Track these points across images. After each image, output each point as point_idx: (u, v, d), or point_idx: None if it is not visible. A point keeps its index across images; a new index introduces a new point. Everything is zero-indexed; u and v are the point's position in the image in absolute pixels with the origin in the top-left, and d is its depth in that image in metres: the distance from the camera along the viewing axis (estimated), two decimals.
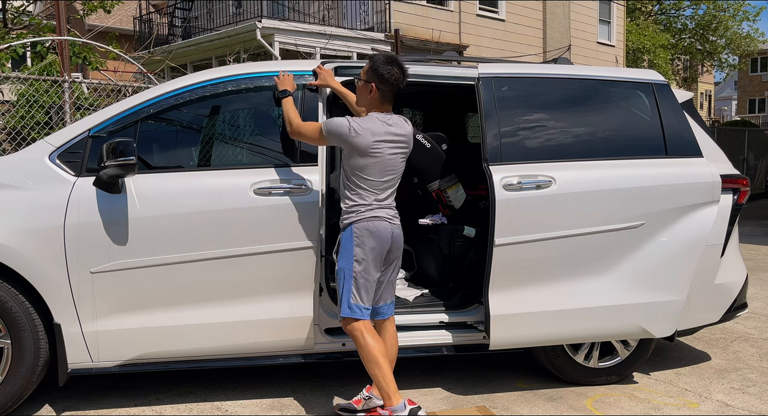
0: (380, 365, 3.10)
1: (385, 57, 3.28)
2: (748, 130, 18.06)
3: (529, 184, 3.51)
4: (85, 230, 3.20)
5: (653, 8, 30.21)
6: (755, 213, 13.71)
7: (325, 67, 3.63)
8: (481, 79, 3.65)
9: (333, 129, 3.17)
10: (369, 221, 3.17)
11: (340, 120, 3.18)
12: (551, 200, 3.53)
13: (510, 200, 3.47)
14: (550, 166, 3.60)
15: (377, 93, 3.24)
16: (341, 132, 3.15)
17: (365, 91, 3.27)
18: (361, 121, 3.18)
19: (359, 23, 14.71)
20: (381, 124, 3.20)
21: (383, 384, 3.10)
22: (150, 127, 3.48)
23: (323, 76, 3.59)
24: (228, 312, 3.36)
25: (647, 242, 3.64)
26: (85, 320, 3.24)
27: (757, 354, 4.54)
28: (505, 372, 4.06)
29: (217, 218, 3.30)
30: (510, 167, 3.54)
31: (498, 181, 3.47)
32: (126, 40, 12.53)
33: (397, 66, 3.24)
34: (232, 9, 15.22)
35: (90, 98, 6.51)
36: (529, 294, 3.55)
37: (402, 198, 5.28)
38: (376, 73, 3.22)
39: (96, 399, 3.63)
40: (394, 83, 3.24)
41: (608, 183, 3.62)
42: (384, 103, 3.28)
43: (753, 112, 40.80)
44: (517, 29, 17.67)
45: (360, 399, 3.38)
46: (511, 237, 3.47)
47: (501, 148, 3.57)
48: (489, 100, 3.63)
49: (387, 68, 3.21)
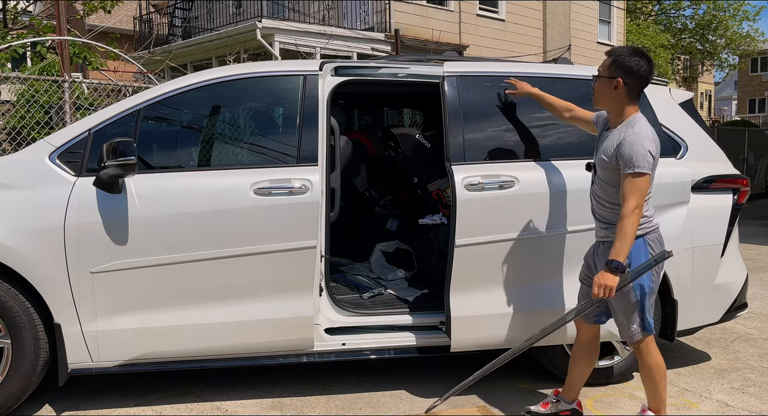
0: (665, 378, 3.11)
1: (629, 48, 3.04)
2: (748, 130, 18.06)
3: (491, 184, 3.48)
4: (85, 230, 3.20)
5: (653, 8, 30.19)
6: (755, 213, 13.71)
7: (325, 66, 3.63)
8: (446, 78, 3.62)
9: (652, 164, 2.91)
10: (657, 231, 3.05)
11: (642, 152, 2.86)
12: (514, 200, 3.49)
13: (471, 200, 3.44)
14: (514, 166, 3.57)
15: (624, 88, 2.99)
16: (655, 161, 2.93)
17: (608, 87, 3.01)
18: (647, 133, 2.92)
19: (359, 23, 14.70)
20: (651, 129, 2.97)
21: (664, 395, 3.12)
22: (150, 127, 3.48)
23: (520, 85, 3.59)
24: (228, 312, 3.36)
25: None
26: (85, 320, 3.24)
27: (757, 354, 4.54)
28: (505, 372, 4.05)
29: (217, 218, 3.30)
30: (473, 167, 3.51)
31: (460, 181, 3.44)
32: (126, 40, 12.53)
33: (644, 58, 2.99)
34: (232, 9, 15.20)
35: (90, 98, 6.51)
36: (491, 296, 3.51)
37: (402, 198, 5.31)
38: (621, 66, 2.98)
39: (96, 399, 3.63)
40: (643, 77, 2.99)
41: (573, 183, 3.56)
42: (632, 101, 3.03)
43: (753, 112, 40.76)
44: (517, 29, 17.66)
45: (548, 403, 3.38)
46: (473, 237, 3.44)
47: (464, 147, 3.53)
48: (453, 99, 3.59)
49: (634, 60, 2.97)
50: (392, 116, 6.19)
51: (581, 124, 3.48)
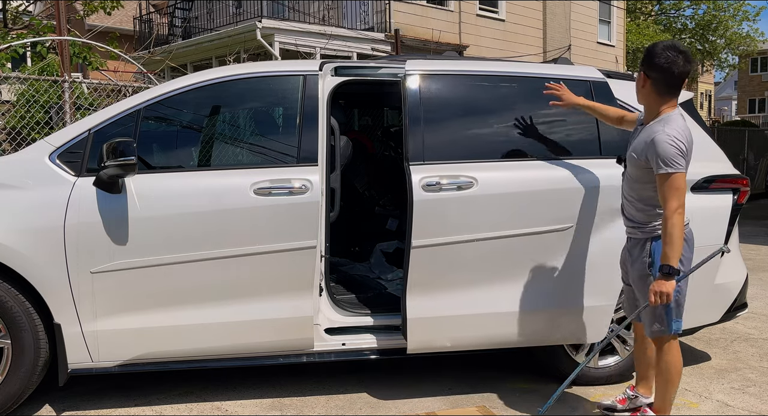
0: (678, 380, 3.12)
1: (664, 43, 2.98)
2: (748, 130, 18.06)
3: (449, 185, 3.42)
4: (85, 230, 3.20)
5: (653, 8, 30.19)
6: (755, 213, 13.71)
7: (325, 66, 3.63)
8: (407, 76, 3.56)
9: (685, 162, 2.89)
10: (687, 227, 3.02)
11: (673, 150, 2.84)
12: (472, 201, 3.43)
13: (428, 201, 3.39)
14: (474, 167, 3.50)
15: (649, 83, 2.97)
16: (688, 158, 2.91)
17: (638, 82, 3.02)
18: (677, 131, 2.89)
19: (359, 23, 14.69)
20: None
21: (672, 397, 3.13)
22: (150, 127, 3.48)
23: (567, 96, 3.54)
24: (228, 312, 3.36)
25: (575, 245, 3.54)
26: (85, 320, 3.24)
27: (757, 354, 4.54)
28: (505, 372, 4.05)
29: (217, 218, 3.30)
30: (432, 167, 3.45)
31: (417, 182, 3.39)
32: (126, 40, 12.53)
33: (675, 50, 2.90)
34: (232, 9, 15.20)
35: (90, 98, 6.51)
36: (448, 298, 3.46)
37: (402, 198, 5.31)
38: (645, 60, 2.96)
39: (96, 399, 3.63)
40: (668, 70, 2.91)
41: (534, 184, 3.52)
42: (664, 97, 2.96)
43: (753, 112, 40.76)
44: (517, 29, 17.66)
45: (624, 398, 3.40)
46: (429, 239, 3.39)
47: (424, 147, 3.47)
48: (414, 97, 3.53)
49: (661, 53, 2.91)
50: (392, 116, 6.19)
51: (632, 127, 3.39)
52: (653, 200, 3.03)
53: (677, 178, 2.85)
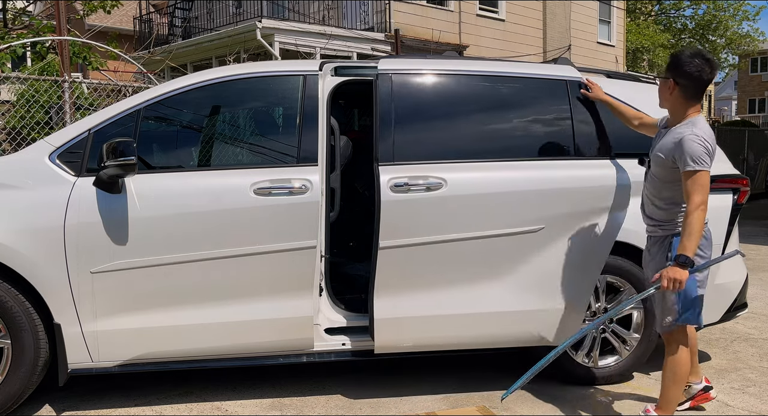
0: (685, 378, 3.17)
1: (689, 50, 3.10)
2: (748, 130, 18.06)
3: (418, 186, 3.40)
4: (85, 230, 3.20)
5: (653, 8, 30.20)
6: (755, 213, 13.71)
7: (325, 66, 3.63)
8: (379, 76, 3.53)
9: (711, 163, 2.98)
10: (706, 226, 3.09)
11: (701, 149, 2.95)
12: (440, 202, 3.41)
13: (396, 202, 3.37)
14: (444, 167, 3.47)
15: (677, 89, 3.06)
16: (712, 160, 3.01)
17: (665, 88, 3.11)
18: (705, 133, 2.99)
19: (359, 23, 14.70)
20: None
21: (677, 396, 3.17)
22: (150, 127, 3.48)
23: (595, 89, 3.64)
24: (228, 312, 3.36)
25: (547, 247, 3.52)
26: (85, 320, 3.24)
27: (757, 354, 4.54)
28: (505, 372, 4.05)
29: (217, 218, 3.30)
30: (401, 168, 3.43)
31: (385, 182, 3.37)
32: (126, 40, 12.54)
33: (702, 59, 3.02)
34: (232, 9, 15.21)
35: (90, 98, 6.52)
36: (415, 298, 3.45)
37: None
38: (674, 67, 3.05)
39: (96, 399, 3.63)
40: (697, 78, 3.02)
41: (504, 185, 3.49)
42: (690, 102, 3.08)
43: (753, 112, 40.76)
44: (517, 29, 17.66)
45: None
46: (397, 240, 3.38)
47: (394, 147, 3.45)
48: (385, 96, 3.50)
49: (689, 61, 3.01)
50: None
51: (650, 130, 3.47)
52: (676, 198, 3.13)
53: (703, 176, 2.96)
